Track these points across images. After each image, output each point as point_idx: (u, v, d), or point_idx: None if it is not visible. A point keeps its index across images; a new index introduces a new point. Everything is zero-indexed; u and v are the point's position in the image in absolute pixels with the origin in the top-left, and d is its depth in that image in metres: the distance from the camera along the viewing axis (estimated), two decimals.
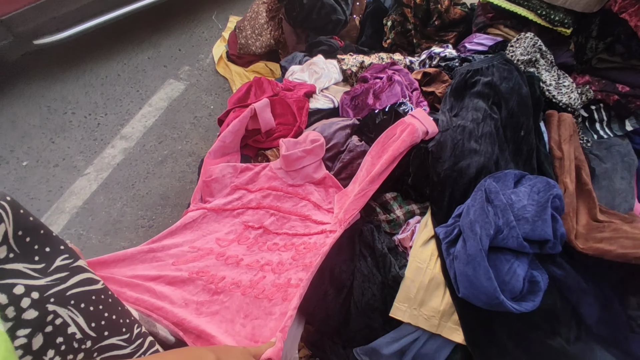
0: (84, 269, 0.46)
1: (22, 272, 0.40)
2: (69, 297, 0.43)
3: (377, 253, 1.10)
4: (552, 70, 1.43)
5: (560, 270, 1.03)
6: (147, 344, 0.53)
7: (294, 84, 1.49)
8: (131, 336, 0.51)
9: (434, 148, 1.21)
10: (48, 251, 0.43)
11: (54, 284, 0.42)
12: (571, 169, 1.17)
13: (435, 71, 1.47)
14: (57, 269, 0.43)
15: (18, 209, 0.39)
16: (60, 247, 0.45)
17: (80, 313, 0.44)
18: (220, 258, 1.07)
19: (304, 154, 1.21)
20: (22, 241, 0.40)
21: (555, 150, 1.24)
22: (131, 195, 1.87)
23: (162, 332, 0.62)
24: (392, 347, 1.09)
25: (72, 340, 0.43)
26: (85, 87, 2.32)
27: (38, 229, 0.42)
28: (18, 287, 0.39)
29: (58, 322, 0.42)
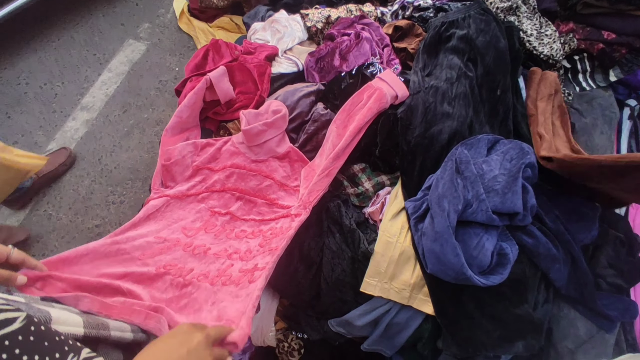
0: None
1: None
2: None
3: (345, 229, 1.07)
4: (534, 18, 1.32)
5: (531, 238, 1.01)
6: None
7: (254, 45, 1.36)
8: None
9: (403, 114, 1.13)
10: None
11: None
12: (546, 123, 1.11)
13: (408, 24, 1.35)
14: None
15: None
16: None
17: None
18: (187, 249, 1.03)
19: (265, 128, 1.13)
20: None
21: (529, 107, 1.17)
22: (99, 170, 1.79)
23: (115, 333, 0.58)
24: (364, 319, 1.09)
25: None
26: (37, 53, 2.14)
27: None
28: None
29: None
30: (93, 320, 0.56)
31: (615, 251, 1.12)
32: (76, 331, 0.52)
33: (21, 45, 2.16)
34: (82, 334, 0.52)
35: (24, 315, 0.43)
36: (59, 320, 0.50)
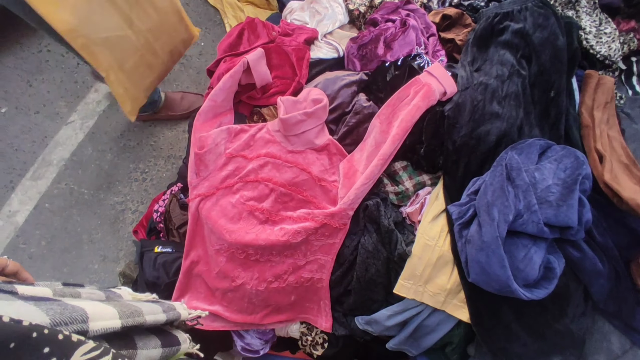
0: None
1: None
2: None
3: (383, 229, 1.03)
4: (593, 14, 1.23)
5: (578, 252, 0.97)
6: None
7: (292, 27, 1.29)
8: None
9: (450, 112, 1.07)
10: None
11: None
12: (603, 137, 1.05)
13: (457, 13, 1.27)
14: None
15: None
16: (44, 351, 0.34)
17: None
18: None
19: (304, 117, 1.08)
20: None
21: (584, 117, 1.10)
22: (121, 146, 1.76)
23: (149, 317, 0.55)
24: (394, 319, 1.08)
25: None
26: None
27: (5, 345, 0.31)
28: None
29: None
30: (126, 309, 0.52)
31: None
32: (114, 324, 0.48)
33: None
34: (120, 326, 0.48)
35: (109, 358, 0.39)
36: (94, 316, 0.46)
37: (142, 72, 1.35)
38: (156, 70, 1.41)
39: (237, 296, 1.09)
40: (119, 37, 1.22)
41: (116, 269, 1.51)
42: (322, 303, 1.12)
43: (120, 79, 1.28)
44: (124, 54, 1.25)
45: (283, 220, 1.05)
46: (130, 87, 1.32)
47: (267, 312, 1.12)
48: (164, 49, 1.39)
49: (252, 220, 1.06)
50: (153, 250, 1.21)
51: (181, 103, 1.76)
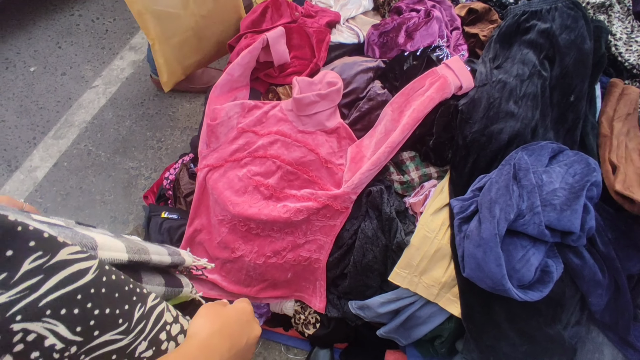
0: (66, 262, 0.37)
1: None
2: (43, 308, 0.35)
3: (384, 216, 1.04)
4: (626, 21, 1.19)
5: (578, 259, 0.95)
6: (152, 322, 0.47)
7: (316, 9, 1.29)
8: (130, 325, 0.43)
9: (465, 107, 1.06)
10: (10, 255, 0.33)
11: (21, 297, 0.34)
12: (620, 148, 1.02)
13: (484, 8, 1.24)
14: (25, 275, 0.34)
15: None
16: (29, 245, 0.35)
17: (61, 321, 0.36)
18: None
19: (318, 99, 1.08)
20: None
21: (603, 126, 1.07)
22: (140, 113, 1.80)
23: (155, 257, 0.57)
24: (387, 307, 1.09)
25: (51, 352, 0.36)
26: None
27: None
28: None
29: (30, 338, 0.35)
30: (134, 245, 0.54)
31: None
32: (121, 257, 0.50)
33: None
34: (126, 259, 0.50)
35: (96, 263, 0.40)
36: (104, 246, 0.48)
37: (185, 52, 1.43)
38: (199, 54, 1.49)
39: (235, 267, 1.12)
40: (172, 14, 1.31)
41: (125, 231, 1.56)
42: (317, 283, 1.14)
43: (163, 50, 1.37)
44: (172, 30, 1.35)
45: (287, 198, 1.07)
46: (171, 60, 1.41)
47: (263, 287, 1.15)
48: (212, 38, 1.46)
49: (257, 195, 1.08)
50: (160, 215, 1.24)
51: (201, 76, 1.79)
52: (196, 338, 0.45)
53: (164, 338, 0.48)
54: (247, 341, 0.50)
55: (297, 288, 1.16)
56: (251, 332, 0.52)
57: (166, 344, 0.48)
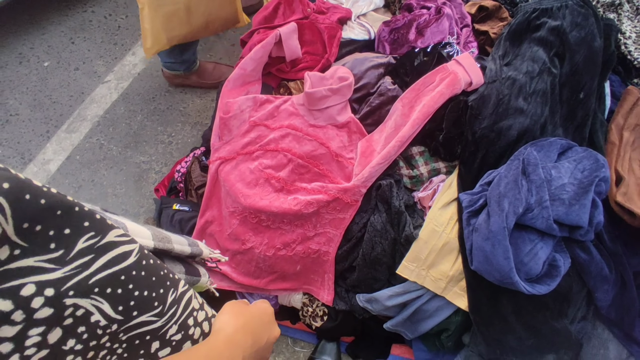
0: (114, 243, 0.39)
1: (33, 268, 0.33)
2: (92, 286, 0.37)
3: (393, 210, 1.05)
4: (635, 19, 1.19)
5: (586, 254, 0.96)
6: (182, 307, 0.49)
7: (327, 5, 1.30)
8: (163, 308, 0.45)
9: (474, 103, 1.07)
10: (68, 233, 0.35)
11: (75, 273, 0.36)
12: (625, 159, 1.03)
13: (495, 5, 1.25)
14: (79, 253, 0.36)
15: (21, 197, 0.31)
16: (84, 225, 0.37)
17: (106, 299, 0.39)
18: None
19: (329, 94, 1.10)
20: (30, 232, 0.32)
21: (612, 133, 1.08)
22: (152, 108, 1.83)
23: (177, 246, 0.59)
24: (394, 300, 1.10)
25: (95, 328, 0.38)
26: None
27: (53, 210, 0.34)
28: (27, 287, 0.33)
29: (79, 313, 0.37)
30: (158, 233, 0.56)
31: None
32: (148, 244, 0.52)
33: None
34: (152, 247, 0.52)
35: (137, 247, 0.42)
36: (132, 231, 0.50)
37: (173, 23, 1.46)
38: (187, 28, 1.51)
39: (245, 259, 1.14)
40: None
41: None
42: (326, 276, 1.15)
43: (151, 17, 1.41)
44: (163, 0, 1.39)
45: (297, 191, 1.08)
46: (158, 28, 1.45)
47: (273, 278, 1.16)
48: (202, 14, 1.48)
49: (268, 187, 1.10)
50: (171, 208, 1.27)
51: (212, 72, 1.82)
52: (222, 333, 0.46)
53: (191, 323, 0.50)
54: (267, 340, 0.52)
55: (305, 280, 1.18)
56: (271, 333, 0.53)
57: (193, 329, 0.50)
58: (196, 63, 1.79)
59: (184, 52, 1.69)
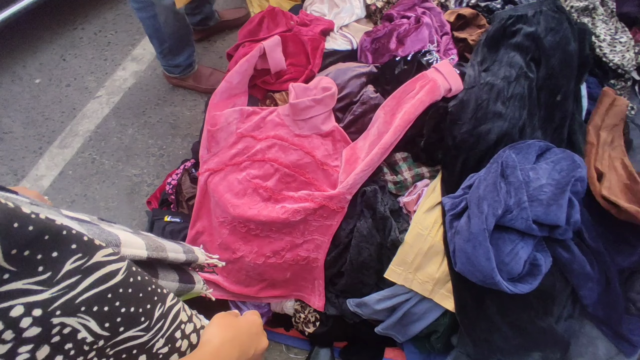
0: (101, 263, 0.41)
1: (21, 291, 0.35)
2: (78, 305, 0.39)
3: (379, 215, 1.07)
4: (610, 22, 1.23)
5: (567, 253, 0.99)
6: (170, 320, 0.50)
7: (310, 17, 1.34)
8: (150, 323, 0.47)
9: (454, 108, 1.10)
10: (55, 256, 0.37)
11: (62, 294, 0.38)
12: (604, 157, 1.06)
13: (472, 13, 1.29)
14: (66, 274, 0.38)
15: (10, 226, 0.33)
16: (71, 247, 0.39)
17: (92, 317, 0.40)
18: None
19: (313, 104, 1.13)
20: (19, 258, 0.34)
21: (590, 134, 1.12)
22: (142, 122, 1.85)
23: (171, 254, 0.60)
24: (383, 304, 1.12)
25: (82, 344, 0.40)
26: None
27: (41, 235, 0.36)
28: (16, 308, 0.35)
29: (66, 331, 0.38)
30: (152, 242, 0.57)
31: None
32: (141, 254, 0.53)
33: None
34: (146, 256, 0.54)
35: (125, 265, 0.44)
36: (126, 242, 0.51)
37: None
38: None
39: (235, 268, 1.15)
40: None
41: None
42: (316, 282, 1.17)
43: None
44: None
45: (285, 199, 1.10)
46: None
47: (263, 286, 1.18)
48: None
49: (256, 197, 1.12)
50: (163, 219, 1.29)
51: (209, 78, 1.86)
52: (209, 345, 0.48)
53: (179, 336, 0.51)
54: (255, 352, 0.53)
55: (296, 287, 1.19)
56: (259, 344, 0.55)
57: (180, 342, 0.52)
58: (193, 67, 1.85)
59: (176, 57, 1.74)
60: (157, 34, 1.63)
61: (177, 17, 1.58)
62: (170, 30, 1.61)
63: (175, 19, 1.58)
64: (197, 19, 1.93)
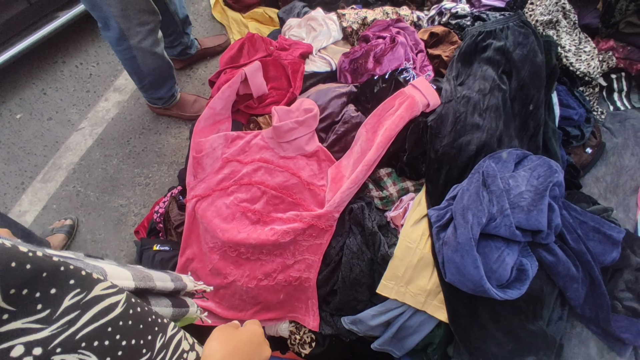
0: (100, 297, 0.41)
1: (21, 330, 0.35)
2: (79, 341, 0.39)
3: (367, 231, 1.09)
4: (573, 34, 1.30)
5: (551, 256, 1.01)
6: (171, 350, 0.50)
7: (289, 42, 1.38)
8: (152, 354, 0.46)
9: (433, 123, 1.14)
10: (54, 293, 0.37)
11: (61, 331, 0.38)
12: None
13: (444, 31, 1.35)
14: (65, 311, 0.38)
15: (7, 265, 0.33)
16: (69, 283, 0.38)
17: (93, 352, 0.40)
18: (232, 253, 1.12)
19: (296, 125, 1.15)
20: (17, 297, 0.34)
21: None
22: (127, 151, 1.85)
23: (159, 283, 0.60)
24: (378, 319, 1.12)
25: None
26: (74, 33, 2.19)
27: (39, 273, 0.36)
28: (17, 348, 0.34)
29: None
30: (139, 273, 0.57)
31: (635, 276, 1.12)
32: (128, 284, 0.53)
33: None
34: (133, 287, 0.54)
35: (124, 297, 0.44)
36: (112, 275, 0.51)
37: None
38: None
39: (228, 293, 1.15)
40: None
41: None
42: (309, 302, 1.17)
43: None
44: None
45: (273, 221, 1.11)
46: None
47: (257, 310, 1.17)
48: None
49: (245, 220, 1.13)
50: (152, 248, 1.27)
51: (192, 105, 1.87)
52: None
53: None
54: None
55: (290, 309, 1.19)
56: (262, 354, 0.55)
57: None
58: (175, 98, 1.87)
59: (158, 90, 1.76)
60: (136, 72, 1.65)
61: (155, 56, 1.60)
62: (149, 68, 1.63)
63: (153, 57, 1.60)
64: (177, 51, 1.95)
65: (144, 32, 1.48)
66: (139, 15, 1.43)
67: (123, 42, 1.48)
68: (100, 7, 1.37)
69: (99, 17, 1.43)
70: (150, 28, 1.49)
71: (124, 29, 1.43)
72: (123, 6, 1.36)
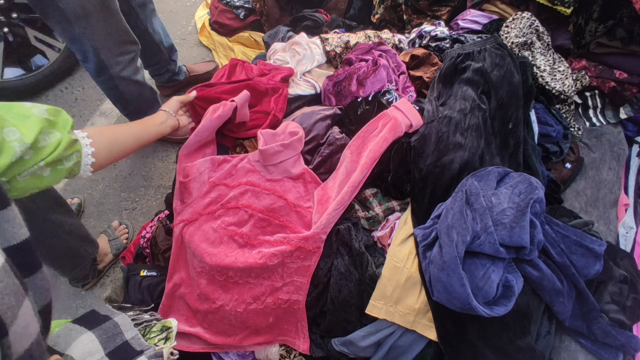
0: None
1: None
2: None
3: (354, 252, 1.10)
4: (547, 54, 1.35)
5: (536, 271, 1.03)
6: None
7: (269, 67, 1.40)
8: None
9: (416, 143, 1.16)
10: None
11: None
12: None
13: (425, 53, 1.39)
14: None
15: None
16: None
17: None
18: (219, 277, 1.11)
19: (281, 148, 1.16)
20: None
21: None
22: (113, 176, 1.84)
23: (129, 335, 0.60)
24: (368, 340, 1.12)
25: None
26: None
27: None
28: None
29: None
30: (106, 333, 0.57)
31: (619, 288, 1.14)
32: None
33: None
34: None
35: None
36: None
37: None
38: None
39: (217, 318, 1.13)
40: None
41: (102, 294, 1.55)
42: (299, 325, 1.16)
43: None
44: None
45: (261, 244, 1.11)
46: None
47: (247, 334, 1.16)
48: None
49: (232, 244, 1.13)
50: (139, 274, 1.26)
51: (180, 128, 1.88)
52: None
53: None
54: None
55: (279, 332, 1.18)
56: None
57: None
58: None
59: (144, 115, 1.74)
60: (120, 100, 1.65)
61: (137, 84, 1.60)
62: (132, 96, 1.63)
63: (136, 85, 1.60)
64: (165, 78, 1.97)
65: (124, 61, 1.49)
66: (119, 47, 1.44)
67: (104, 72, 1.49)
68: (80, 40, 1.36)
69: (78, 50, 1.42)
70: (131, 57, 1.50)
71: (104, 60, 1.43)
72: (103, 38, 1.37)
